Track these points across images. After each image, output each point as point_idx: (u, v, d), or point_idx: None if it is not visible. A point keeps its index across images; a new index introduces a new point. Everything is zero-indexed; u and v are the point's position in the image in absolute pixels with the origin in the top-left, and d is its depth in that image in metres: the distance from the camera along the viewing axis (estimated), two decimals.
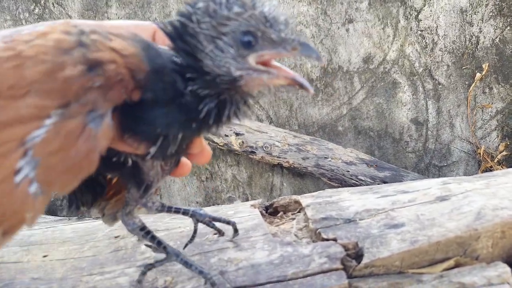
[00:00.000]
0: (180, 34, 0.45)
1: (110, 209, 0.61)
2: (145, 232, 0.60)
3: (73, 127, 0.38)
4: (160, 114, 0.45)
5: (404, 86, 1.76)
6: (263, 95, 0.48)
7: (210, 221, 0.69)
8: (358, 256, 0.66)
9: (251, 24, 0.43)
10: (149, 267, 0.62)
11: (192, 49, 0.44)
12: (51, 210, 1.92)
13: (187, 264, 0.60)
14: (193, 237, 0.69)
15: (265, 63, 0.45)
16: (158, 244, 0.61)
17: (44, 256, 0.73)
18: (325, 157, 1.67)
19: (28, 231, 0.83)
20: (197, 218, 0.69)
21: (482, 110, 1.71)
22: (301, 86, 0.45)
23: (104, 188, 0.59)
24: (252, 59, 0.44)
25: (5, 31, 0.45)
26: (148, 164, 0.53)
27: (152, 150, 0.46)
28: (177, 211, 0.68)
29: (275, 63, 0.46)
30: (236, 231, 0.71)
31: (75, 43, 0.40)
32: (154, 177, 0.55)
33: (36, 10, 2.00)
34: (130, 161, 0.50)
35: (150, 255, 0.69)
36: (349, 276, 0.64)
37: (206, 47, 0.43)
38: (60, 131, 0.38)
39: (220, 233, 0.71)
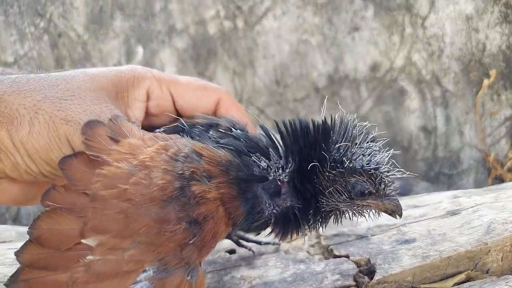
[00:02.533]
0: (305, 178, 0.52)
1: None
2: None
3: (177, 282, 0.41)
4: None
5: (412, 94, 1.76)
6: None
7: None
8: (370, 272, 0.67)
9: (373, 185, 0.50)
10: None
11: (313, 188, 0.51)
12: None
13: None
14: None
15: None
16: None
17: None
18: None
19: None
20: None
21: (491, 117, 1.70)
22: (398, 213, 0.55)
23: None
24: (356, 203, 0.53)
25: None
26: None
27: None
28: None
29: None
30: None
31: (177, 191, 0.43)
32: None
33: (42, 24, 2.03)
34: None
35: None
36: None
37: (327, 188, 0.51)
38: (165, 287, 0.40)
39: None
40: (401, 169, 0.53)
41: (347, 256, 0.69)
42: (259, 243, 0.73)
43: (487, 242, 0.68)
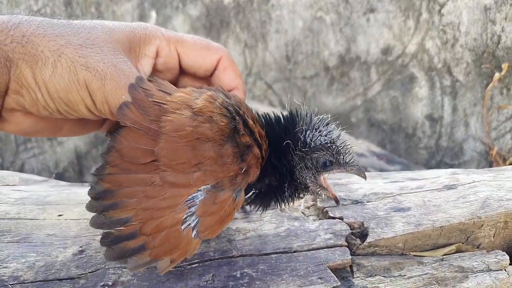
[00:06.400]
0: (284, 154, 0.63)
1: None
2: None
3: (225, 198, 0.53)
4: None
5: (421, 81, 1.75)
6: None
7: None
8: (363, 235, 0.68)
9: (334, 156, 0.61)
10: None
11: (289, 164, 0.62)
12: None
13: None
14: None
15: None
16: None
17: (59, 215, 0.75)
18: None
19: (43, 191, 0.86)
20: None
21: (498, 111, 1.69)
22: (337, 201, 0.65)
23: None
24: (323, 176, 0.63)
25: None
26: None
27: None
28: None
29: (327, 181, 0.65)
30: None
31: (232, 131, 0.54)
32: None
33: None
34: None
35: None
36: (353, 253, 0.65)
37: (298, 164, 0.62)
38: (215, 200, 0.53)
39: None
40: (354, 140, 0.62)
41: (341, 218, 0.70)
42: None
43: (480, 216, 0.69)
